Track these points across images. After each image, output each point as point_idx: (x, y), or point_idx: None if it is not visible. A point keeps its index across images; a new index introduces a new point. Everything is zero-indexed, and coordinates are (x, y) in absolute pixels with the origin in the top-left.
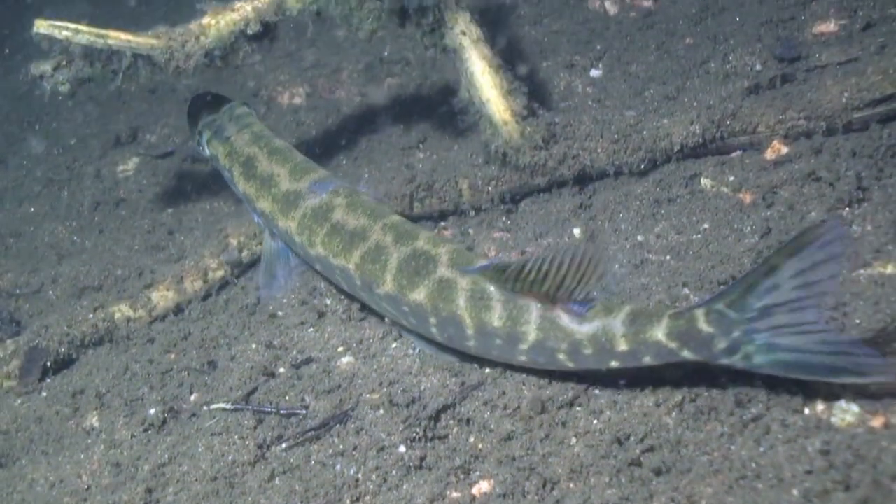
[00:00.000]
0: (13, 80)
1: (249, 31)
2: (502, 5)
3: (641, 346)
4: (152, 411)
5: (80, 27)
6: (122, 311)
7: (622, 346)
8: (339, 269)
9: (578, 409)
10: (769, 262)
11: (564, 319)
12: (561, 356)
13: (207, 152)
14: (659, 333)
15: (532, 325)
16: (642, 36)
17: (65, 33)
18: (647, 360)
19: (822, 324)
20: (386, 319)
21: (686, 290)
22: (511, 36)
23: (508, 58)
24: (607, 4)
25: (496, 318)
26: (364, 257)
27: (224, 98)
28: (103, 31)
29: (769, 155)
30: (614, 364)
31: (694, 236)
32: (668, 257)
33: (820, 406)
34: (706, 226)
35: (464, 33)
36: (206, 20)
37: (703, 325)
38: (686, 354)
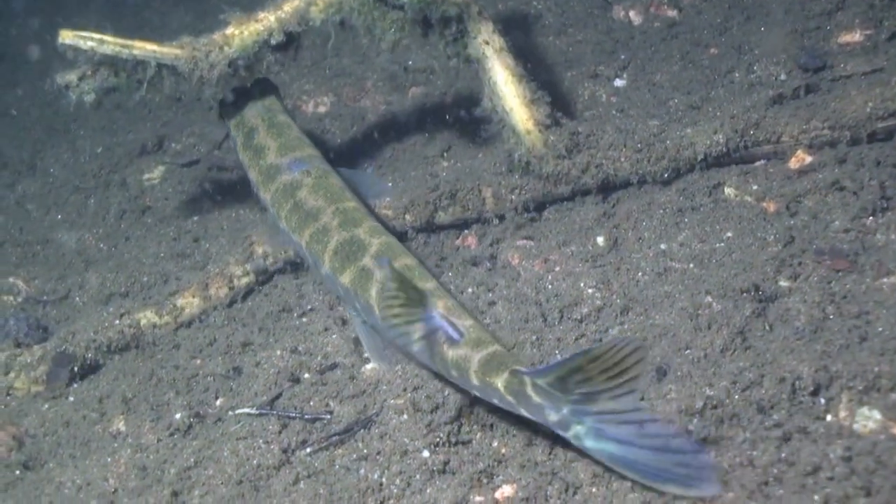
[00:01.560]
0: (41, 87)
1: (273, 41)
2: (527, 15)
3: (488, 388)
4: (178, 416)
5: (105, 37)
6: (147, 317)
7: (475, 381)
8: (296, 244)
9: None
10: (584, 351)
11: (440, 337)
12: (442, 368)
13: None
14: (499, 383)
15: (417, 332)
16: (666, 46)
17: (90, 43)
18: (497, 403)
19: (644, 413)
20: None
21: (709, 298)
22: (536, 45)
23: (533, 67)
24: (632, 14)
25: (393, 314)
26: (312, 237)
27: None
28: (128, 42)
29: (793, 164)
30: (476, 394)
31: (717, 245)
32: (691, 265)
33: (842, 412)
34: (729, 234)
35: (487, 43)
36: (229, 30)
37: (532, 394)
38: (525, 413)
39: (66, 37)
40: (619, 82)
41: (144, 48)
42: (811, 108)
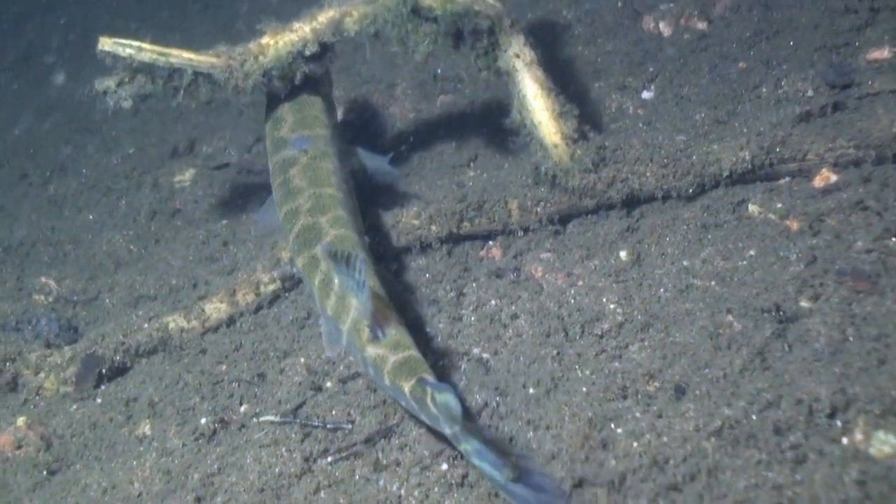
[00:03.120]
0: (75, 88)
1: (307, 52)
2: (556, 24)
3: (397, 391)
4: (203, 421)
5: (143, 45)
6: (175, 321)
7: (387, 381)
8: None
9: (619, 431)
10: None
11: (365, 334)
12: (363, 364)
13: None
14: (406, 388)
15: (347, 324)
16: (695, 58)
17: (128, 51)
18: (405, 405)
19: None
20: None
21: (730, 317)
22: (564, 55)
23: (561, 77)
24: (661, 25)
25: (330, 305)
26: (286, 215)
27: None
28: (165, 50)
29: (818, 183)
30: (389, 393)
31: (740, 263)
32: (713, 283)
33: (858, 436)
34: (752, 252)
35: (517, 56)
36: (265, 40)
37: (431, 405)
38: (426, 420)
39: (105, 44)
40: (646, 94)
41: (181, 56)
42: (837, 126)
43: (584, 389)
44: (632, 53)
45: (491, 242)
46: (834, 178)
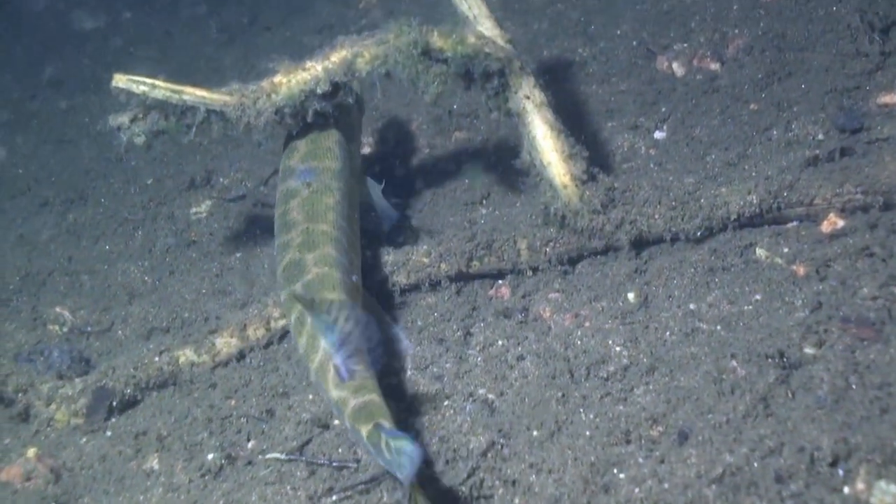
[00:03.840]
0: (94, 119)
1: (319, 91)
2: (572, 62)
3: (356, 433)
4: (210, 457)
5: (157, 82)
6: (186, 355)
7: (348, 423)
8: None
9: (621, 476)
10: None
11: (331, 374)
12: (329, 403)
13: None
14: (364, 432)
15: (314, 364)
16: (707, 99)
17: (142, 88)
18: (362, 449)
19: None
20: None
21: (734, 363)
22: (578, 93)
23: (574, 116)
24: (675, 66)
25: (302, 343)
26: (278, 248)
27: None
28: (179, 87)
29: (825, 228)
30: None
31: (745, 307)
32: (718, 327)
33: (860, 485)
34: (758, 297)
35: (528, 97)
36: (277, 78)
37: (385, 450)
38: (382, 463)
39: (120, 80)
40: (658, 134)
41: (194, 94)
42: (845, 171)
43: (588, 433)
44: (645, 93)
45: (500, 282)
46: (841, 223)
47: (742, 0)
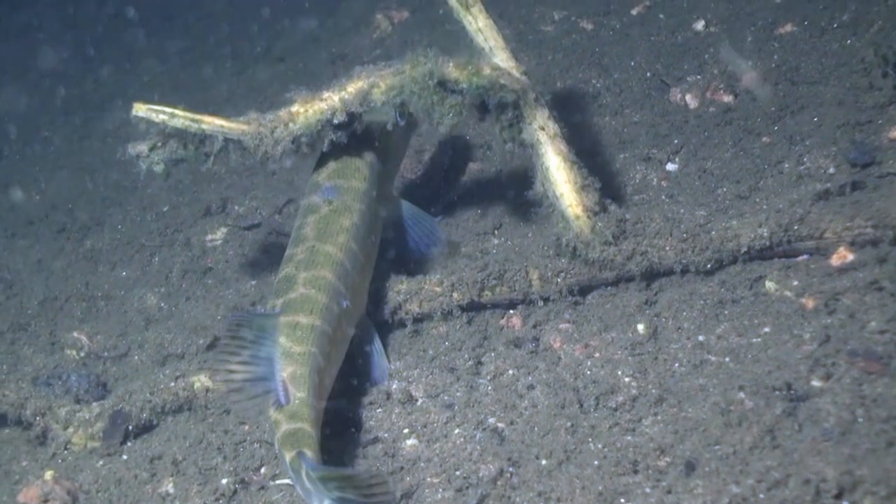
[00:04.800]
0: (110, 145)
1: (335, 121)
2: (586, 93)
3: (282, 459)
4: (224, 481)
5: (176, 111)
6: (201, 381)
7: (277, 447)
8: None
9: None
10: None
11: (272, 397)
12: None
13: None
14: (288, 458)
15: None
16: (720, 132)
17: (161, 117)
18: (287, 474)
19: None
20: None
21: (742, 395)
22: (592, 125)
23: (587, 147)
24: (688, 98)
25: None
26: (283, 259)
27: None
28: (197, 116)
29: (835, 261)
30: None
31: (754, 339)
32: (727, 359)
33: None
34: (767, 329)
35: (542, 129)
36: (294, 108)
37: (304, 479)
38: (300, 492)
39: (140, 109)
40: (670, 166)
41: (213, 123)
42: (855, 205)
43: (596, 462)
44: (658, 125)
45: (511, 311)
46: (851, 257)
47: (756, 32)
